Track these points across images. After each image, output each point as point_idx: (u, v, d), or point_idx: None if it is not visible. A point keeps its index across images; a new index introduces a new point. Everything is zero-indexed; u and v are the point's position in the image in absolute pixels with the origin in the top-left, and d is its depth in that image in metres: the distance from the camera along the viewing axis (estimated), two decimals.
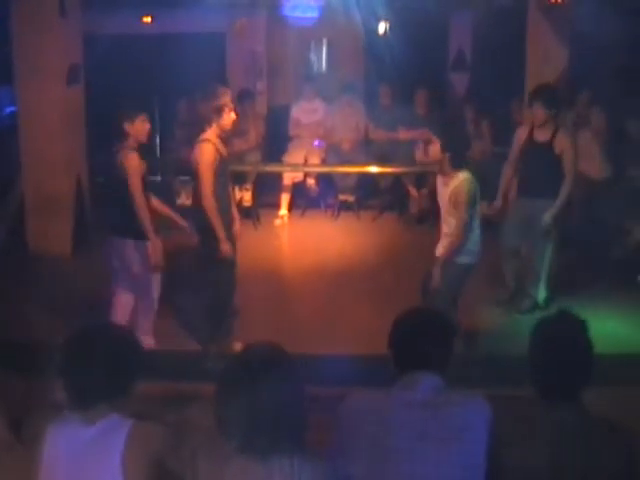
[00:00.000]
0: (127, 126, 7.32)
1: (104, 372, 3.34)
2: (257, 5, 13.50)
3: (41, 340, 7.01)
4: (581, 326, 3.56)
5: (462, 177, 7.11)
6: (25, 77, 10.17)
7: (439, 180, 7.35)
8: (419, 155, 12.37)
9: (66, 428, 3.35)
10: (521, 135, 8.55)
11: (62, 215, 10.50)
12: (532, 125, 8.40)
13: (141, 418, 3.39)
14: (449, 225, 7.26)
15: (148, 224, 7.15)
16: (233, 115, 7.22)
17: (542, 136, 8.27)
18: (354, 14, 12.41)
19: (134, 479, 3.22)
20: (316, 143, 12.82)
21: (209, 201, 7.02)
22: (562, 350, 3.49)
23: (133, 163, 7.18)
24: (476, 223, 7.27)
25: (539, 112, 8.16)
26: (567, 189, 8.16)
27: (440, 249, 7.32)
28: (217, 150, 7.10)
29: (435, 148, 7.24)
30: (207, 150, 7.05)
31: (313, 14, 12.35)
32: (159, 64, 13.61)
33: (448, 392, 3.59)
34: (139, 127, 7.35)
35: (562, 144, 8.16)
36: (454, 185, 7.12)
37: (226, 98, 7.20)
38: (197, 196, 7.14)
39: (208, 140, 7.10)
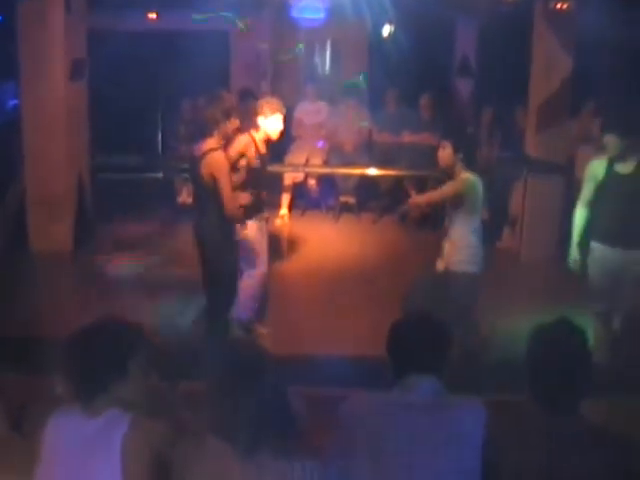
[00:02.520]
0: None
1: (103, 360, 3.38)
2: (262, 5, 13.51)
3: (41, 336, 7.03)
4: (580, 334, 3.57)
5: (464, 176, 7.08)
6: (29, 72, 10.16)
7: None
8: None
9: (67, 420, 3.37)
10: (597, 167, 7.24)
11: (64, 211, 10.50)
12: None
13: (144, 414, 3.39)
14: (450, 237, 7.25)
15: None
16: (237, 120, 7.21)
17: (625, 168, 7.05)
18: (359, 16, 12.42)
19: (133, 473, 3.23)
20: (320, 144, 12.84)
21: (238, 214, 7.07)
22: (561, 358, 3.49)
23: None
24: (480, 228, 7.26)
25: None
26: None
27: (445, 263, 7.26)
28: (227, 158, 7.05)
29: (446, 152, 7.16)
30: (222, 160, 6.94)
31: (320, 15, 12.35)
32: (163, 61, 13.64)
33: (446, 396, 3.61)
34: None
35: None
36: (462, 185, 7.09)
37: (232, 102, 7.19)
38: (214, 209, 7.01)
39: (217, 149, 6.98)
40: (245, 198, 7.51)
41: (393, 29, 14.22)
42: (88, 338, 3.43)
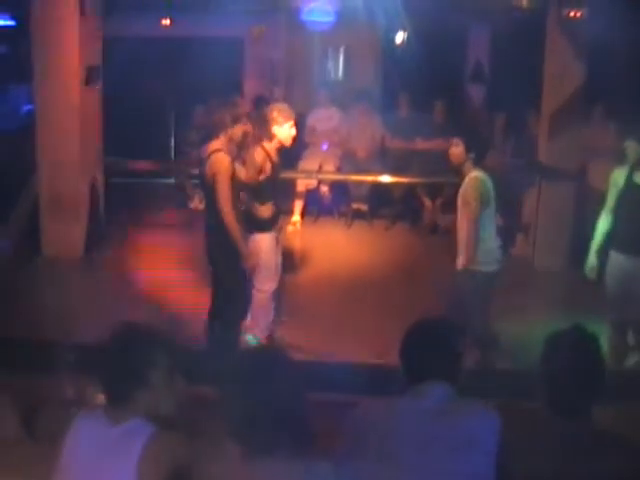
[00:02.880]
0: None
1: (121, 370, 3.36)
2: (276, 11, 13.53)
3: (53, 340, 7.03)
4: (594, 341, 3.55)
5: (473, 175, 7.09)
6: (43, 77, 10.17)
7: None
8: None
9: (90, 424, 3.37)
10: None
11: (76, 217, 10.50)
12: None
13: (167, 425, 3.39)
14: (461, 237, 7.25)
15: None
16: (249, 126, 7.21)
17: None
18: (372, 22, 12.43)
19: None
20: (324, 147, 12.83)
21: (230, 215, 6.94)
22: (576, 364, 3.48)
23: None
24: (492, 228, 7.24)
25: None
26: None
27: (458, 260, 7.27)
28: (232, 160, 7.04)
29: (458, 150, 7.18)
30: (224, 160, 6.95)
31: (329, 19, 12.33)
32: (177, 67, 13.66)
33: (458, 401, 3.60)
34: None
35: None
36: (465, 183, 7.11)
37: (243, 109, 7.19)
38: (215, 210, 7.02)
39: (221, 150, 7.00)
40: (267, 211, 7.54)
41: (406, 35, 14.23)
42: (110, 346, 3.43)
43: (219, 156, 6.95)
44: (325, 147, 12.86)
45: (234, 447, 3.07)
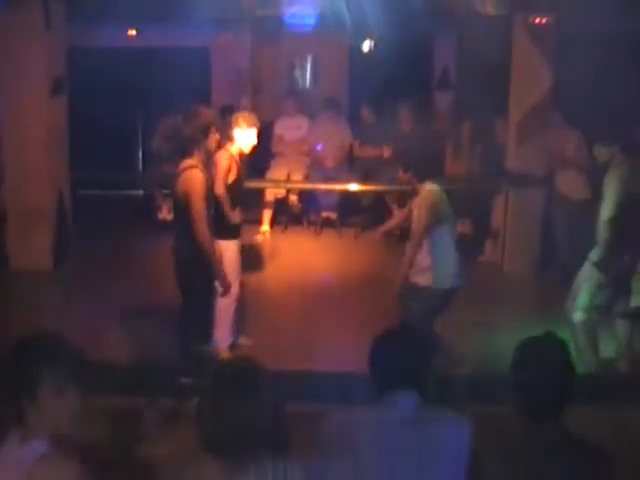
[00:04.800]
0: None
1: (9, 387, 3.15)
2: (242, 21, 13.51)
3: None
4: (563, 347, 3.56)
5: (427, 188, 7.12)
6: (8, 88, 10.11)
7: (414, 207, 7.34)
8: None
9: (5, 446, 3.17)
10: None
11: (43, 229, 10.43)
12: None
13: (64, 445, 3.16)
14: (425, 257, 7.24)
15: None
16: (217, 135, 7.11)
17: None
18: (340, 31, 12.43)
19: None
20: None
21: (206, 237, 6.75)
22: (546, 371, 3.48)
23: None
24: (450, 243, 7.26)
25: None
26: None
27: (415, 277, 7.28)
28: (206, 177, 6.86)
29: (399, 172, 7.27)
30: (198, 178, 6.74)
31: (311, 22, 12.31)
32: (144, 78, 13.61)
33: (427, 410, 3.59)
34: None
35: None
36: (419, 197, 7.13)
37: (210, 118, 7.06)
38: (186, 226, 6.84)
39: (196, 166, 6.80)
40: (237, 216, 7.52)
41: (373, 43, 14.26)
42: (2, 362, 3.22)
43: (192, 173, 6.75)
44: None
45: (212, 462, 3.04)
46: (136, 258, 10.91)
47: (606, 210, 7.25)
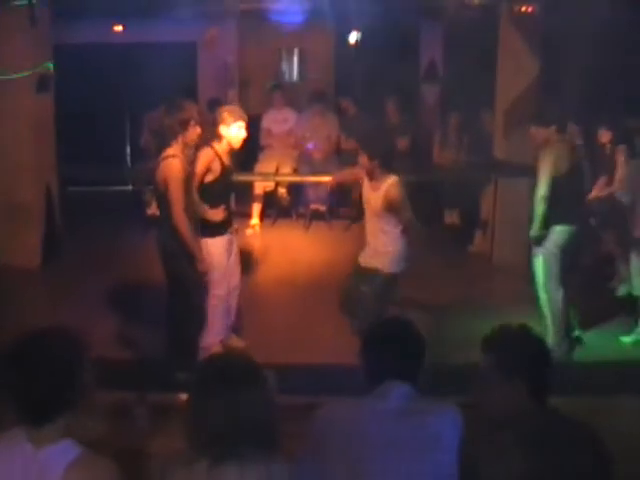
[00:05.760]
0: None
1: (48, 383, 3.01)
2: (228, 14, 13.50)
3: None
4: (536, 337, 3.64)
5: (392, 180, 7.08)
6: None
7: (366, 187, 7.27)
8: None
9: (10, 451, 3.03)
10: None
11: (32, 225, 10.42)
12: None
13: (94, 446, 3.07)
14: (376, 236, 7.23)
15: None
16: (198, 129, 7.08)
17: None
18: (326, 24, 12.43)
19: None
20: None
21: (182, 221, 6.83)
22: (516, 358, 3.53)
23: None
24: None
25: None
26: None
27: (377, 261, 7.26)
28: (184, 166, 6.92)
29: (364, 160, 7.21)
30: (175, 166, 6.83)
31: (299, 19, 12.31)
32: (131, 73, 13.59)
33: (420, 400, 3.59)
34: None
35: None
36: (386, 189, 7.05)
37: (192, 112, 7.06)
38: (167, 215, 6.92)
39: (174, 156, 6.89)
40: (218, 214, 7.46)
41: (360, 36, 14.26)
42: (31, 351, 3.07)
43: (170, 162, 6.85)
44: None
45: (196, 458, 3.03)
46: (125, 254, 10.89)
47: (540, 188, 7.57)
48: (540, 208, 7.59)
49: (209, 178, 7.38)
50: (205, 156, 7.38)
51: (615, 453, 3.38)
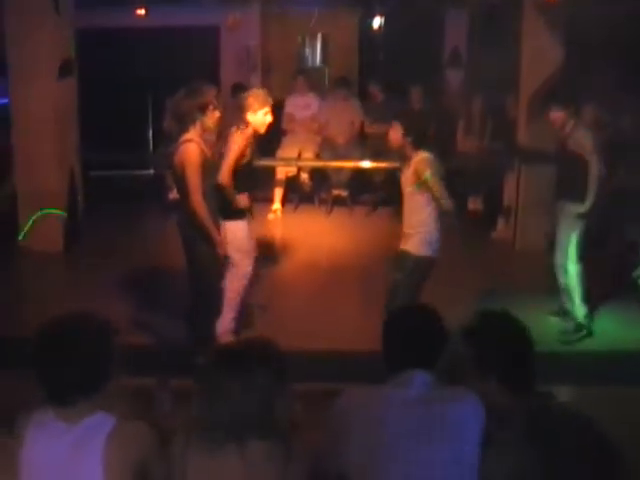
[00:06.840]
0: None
1: (80, 365, 3.12)
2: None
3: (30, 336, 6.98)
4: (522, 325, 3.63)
5: (423, 155, 6.95)
6: (18, 71, 10.13)
7: (403, 172, 7.15)
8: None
9: (46, 430, 3.15)
10: None
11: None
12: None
13: (127, 416, 3.22)
14: (408, 218, 7.05)
15: None
16: (217, 113, 7.03)
17: None
18: (349, 9, 12.40)
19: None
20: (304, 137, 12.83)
21: (200, 206, 6.77)
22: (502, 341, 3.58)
23: None
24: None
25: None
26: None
27: (407, 244, 7.07)
28: (202, 150, 6.85)
29: (396, 134, 7.13)
30: (192, 150, 6.78)
31: (322, 3, 12.29)
32: (153, 57, 13.60)
33: (440, 388, 3.57)
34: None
35: None
36: (415, 163, 6.92)
37: (210, 96, 7.02)
38: (185, 200, 6.89)
39: (191, 140, 6.83)
40: (244, 201, 7.47)
41: (383, 21, 14.21)
42: (61, 334, 3.18)
43: (187, 146, 6.81)
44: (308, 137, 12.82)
45: (214, 437, 3.05)
46: (147, 238, 10.92)
47: (592, 167, 7.60)
48: (596, 186, 7.62)
49: (240, 163, 7.40)
50: (241, 140, 7.40)
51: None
